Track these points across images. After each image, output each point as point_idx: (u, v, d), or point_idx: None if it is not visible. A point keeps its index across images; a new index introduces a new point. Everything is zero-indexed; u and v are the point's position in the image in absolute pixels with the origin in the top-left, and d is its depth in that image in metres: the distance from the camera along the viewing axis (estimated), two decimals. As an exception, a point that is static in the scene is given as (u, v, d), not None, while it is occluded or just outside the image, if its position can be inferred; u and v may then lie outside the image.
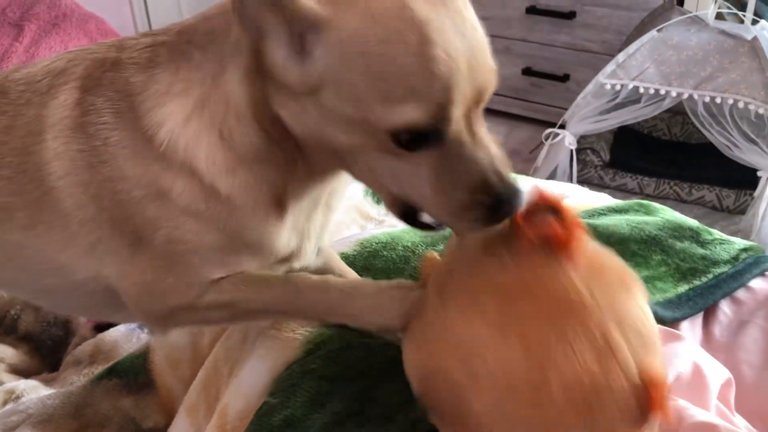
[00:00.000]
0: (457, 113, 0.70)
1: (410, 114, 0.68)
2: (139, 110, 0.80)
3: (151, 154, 0.80)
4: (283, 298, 0.87)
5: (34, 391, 1.31)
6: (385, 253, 1.14)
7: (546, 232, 0.75)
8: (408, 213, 0.80)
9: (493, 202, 0.73)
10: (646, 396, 0.71)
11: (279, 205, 0.84)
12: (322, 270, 1.00)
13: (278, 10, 0.67)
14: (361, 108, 0.69)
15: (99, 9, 2.76)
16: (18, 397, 1.29)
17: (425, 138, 0.71)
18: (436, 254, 0.93)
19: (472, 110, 0.73)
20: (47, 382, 1.39)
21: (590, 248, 0.78)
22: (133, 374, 1.19)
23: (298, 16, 0.67)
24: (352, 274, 1.05)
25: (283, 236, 0.86)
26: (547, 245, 0.75)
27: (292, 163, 0.81)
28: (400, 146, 0.71)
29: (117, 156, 0.81)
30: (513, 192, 0.74)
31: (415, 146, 0.71)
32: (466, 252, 0.83)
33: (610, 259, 0.80)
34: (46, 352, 1.53)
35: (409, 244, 1.13)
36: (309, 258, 0.94)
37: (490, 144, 0.75)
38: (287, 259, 0.90)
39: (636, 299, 0.78)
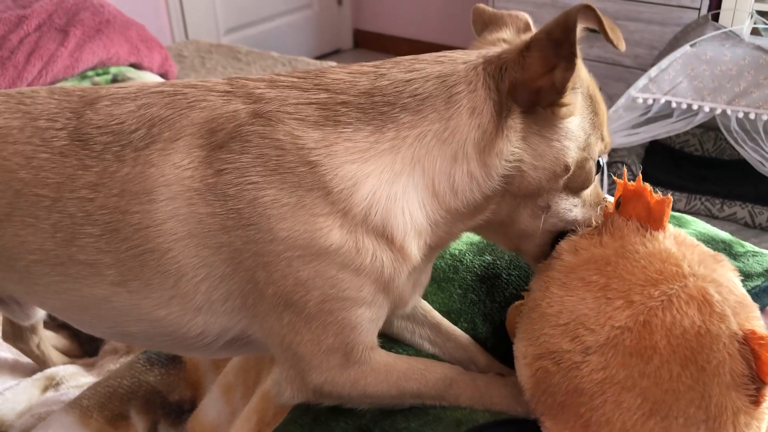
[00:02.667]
0: None
1: (601, 147, 0.90)
2: (318, 165, 0.79)
3: (322, 211, 0.79)
4: (436, 386, 0.91)
5: (74, 378, 1.35)
6: (434, 261, 1.15)
7: (641, 208, 0.85)
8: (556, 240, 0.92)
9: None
10: (752, 352, 0.75)
11: (426, 257, 0.88)
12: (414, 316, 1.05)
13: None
14: (587, 137, 0.87)
15: (137, 15, 2.83)
16: (58, 384, 1.33)
17: (599, 169, 0.91)
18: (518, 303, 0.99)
19: None
20: (87, 368, 1.43)
21: (676, 230, 0.86)
22: (157, 350, 1.19)
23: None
24: (435, 314, 1.07)
25: (410, 284, 0.90)
26: (642, 221, 0.84)
27: (463, 224, 0.88)
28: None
29: (270, 217, 0.79)
30: None
31: None
32: (561, 246, 0.89)
33: (693, 238, 0.87)
34: (84, 339, 1.57)
35: (456, 253, 1.14)
36: (408, 309, 0.98)
37: None
38: (400, 307, 0.94)
39: (727, 269, 0.84)
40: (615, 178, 0.94)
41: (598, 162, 0.90)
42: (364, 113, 0.82)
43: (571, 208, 0.90)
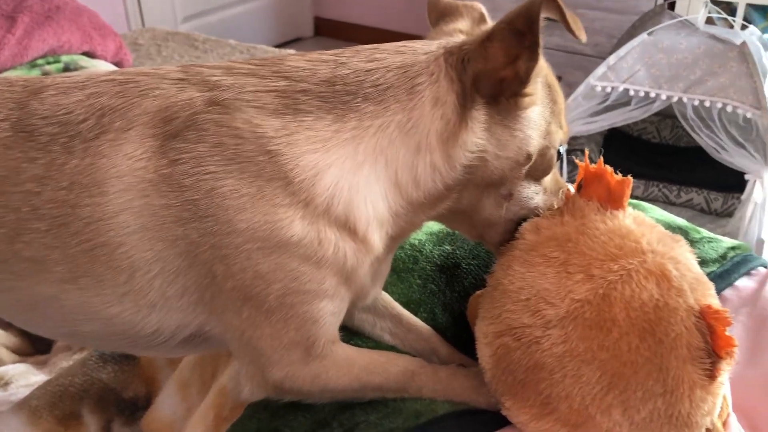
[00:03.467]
0: None
1: (561, 136, 0.90)
2: (278, 154, 0.78)
3: (282, 201, 0.78)
4: (398, 378, 0.91)
5: (23, 377, 1.32)
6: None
7: (602, 189, 0.86)
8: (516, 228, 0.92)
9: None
10: (708, 326, 0.77)
11: (388, 248, 0.87)
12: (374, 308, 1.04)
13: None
14: (548, 125, 0.87)
15: (91, 2, 2.76)
16: (7, 383, 1.29)
17: (560, 156, 0.91)
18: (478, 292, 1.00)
19: None
20: (38, 365, 1.39)
21: (635, 212, 0.89)
22: (111, 350, 1.16)
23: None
24: (395, 306, 1.06)
25: (370, 275, 0.89)
26: (602, 202, 0.86)
27: (425, 215, 0.88)
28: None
29: (228, 208, 0.77)
30: None
31: None
32: (523, 227, 0.90)
33: (652, 220, 0.89)
34: (35, 337, 1.52)
35: (416, 243, 1.14)
36: (369, 300, 0.97)
37: None
38: (360, 299, 0.93)
39: (684, 249, 0.86)
40: (577, 161, 0.96)
41: (558, 150, 0.90)
42: (325, 102, 0.80)
43: (533, 195, 0.91)
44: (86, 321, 0.86)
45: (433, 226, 1.19)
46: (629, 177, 0.87)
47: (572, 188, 0.95)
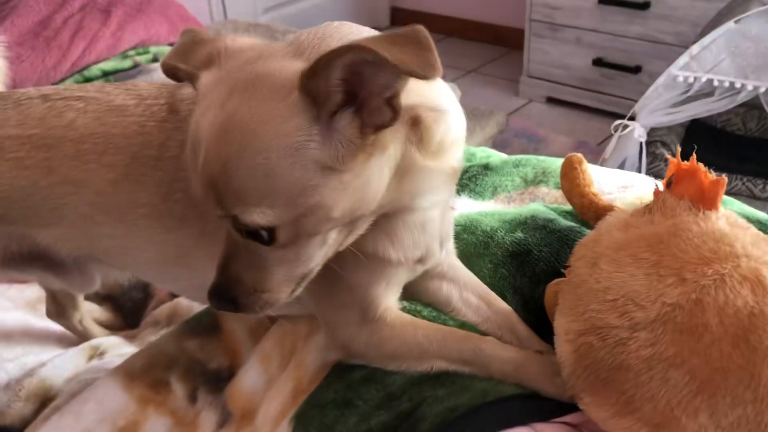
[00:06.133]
0: None
1: None
2: None
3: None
4: (460, 351, 0.95)
5: (117, 348, 1.41)
6: (465, 236, 1.16)
7: (694, 187, 0.84)
8: None
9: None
10: None
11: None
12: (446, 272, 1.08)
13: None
14: None
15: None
16: (102, 353, 1.38)
17: None
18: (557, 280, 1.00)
19: None
20: (129, 339, 1.48)
21: (727, 211, 0.86)
22: (197, 318, 1.25)
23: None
24: (478, 282, 1.09)
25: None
26: (694, 201, 0.84)
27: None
28: None
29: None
30: None
31: None
32: (609, 222, 0.90)
33: (744, 220, 0.87)
34: (127, 312, 1.63)
35: (488, 229, 1.15)
36: (437, 257, 1.01)
37: None
38: (421, 260, 0.97)
39: None
40: (668, 156, 0.93)
41: None
42: None
43: None
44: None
45: (505, 214, 1.20)
46: (724, 177, 0.84)
47: (661, 185, 0.93)
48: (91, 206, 0.99)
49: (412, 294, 1.06)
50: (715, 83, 2.39)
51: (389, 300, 0.95)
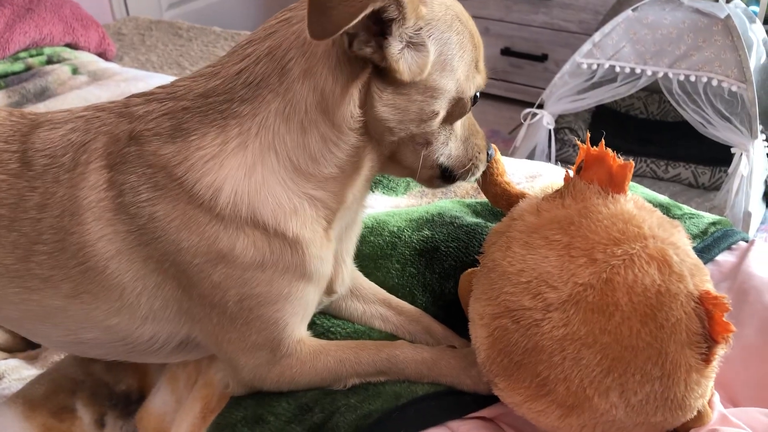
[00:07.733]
0: None
1: (479, 81, 0.89)
2: (184, 180, 0.81)
3: (204, 220, 0.82)
4: (374, 364, 0.93)
5: (16, 372, 1.32)
6: (371, 238, 1.15)
7: (603, 172, 0.86)
8: (443, 175, 0.94)
9: (486, 146, 0.99)
10: (705, 311, 0.78)
11: (327, 231, 0.89)
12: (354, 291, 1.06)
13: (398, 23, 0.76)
14: (457, 80, 0.84)
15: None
16: (0, 378, 1.29)
17: (476, 101, 0.90)
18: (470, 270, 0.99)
19: None
20: (29, 361, 1.39)
21: (634, 195, 0.88)
22: (112, 359, 1.17)
23: (411, 21, 0.77)
24: (382, 291, 1.08)
25: (330, 261, 0.91)
26: (603, 185, 0.86)
27: (351, 183, 0.87)
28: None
29: (168, 230, 0.82)
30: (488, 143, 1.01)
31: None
32: (522, 207, 0.90)
33: (650, 204, 0.89)
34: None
35: (395, 229, 1.14)
36: (346, 282, 1.00)
37: None
38: (331, 287, 0.96)
39: (682, 234, 0.87)
40: (578, 142, 0.95)
41: (476, 94, 0.89)
42: (204, 116, 0.83)
43: (446, 141, 0.91)
44: (90, 329, 0.93)
45: (412, 212, 1.20)
46: (631, 161, 0.87)
47: (571, 171, 0.95)
48: None
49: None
50: (617, 69, 2.47)
51: (302, 331, 0.93)
